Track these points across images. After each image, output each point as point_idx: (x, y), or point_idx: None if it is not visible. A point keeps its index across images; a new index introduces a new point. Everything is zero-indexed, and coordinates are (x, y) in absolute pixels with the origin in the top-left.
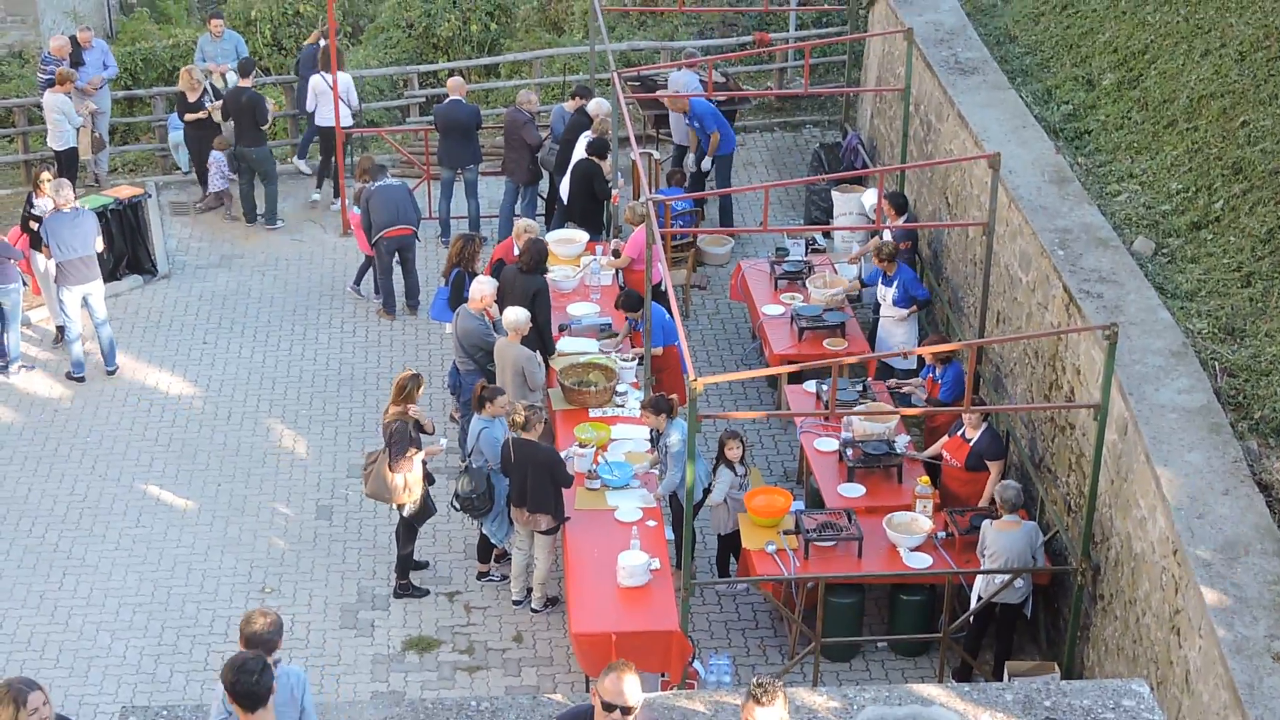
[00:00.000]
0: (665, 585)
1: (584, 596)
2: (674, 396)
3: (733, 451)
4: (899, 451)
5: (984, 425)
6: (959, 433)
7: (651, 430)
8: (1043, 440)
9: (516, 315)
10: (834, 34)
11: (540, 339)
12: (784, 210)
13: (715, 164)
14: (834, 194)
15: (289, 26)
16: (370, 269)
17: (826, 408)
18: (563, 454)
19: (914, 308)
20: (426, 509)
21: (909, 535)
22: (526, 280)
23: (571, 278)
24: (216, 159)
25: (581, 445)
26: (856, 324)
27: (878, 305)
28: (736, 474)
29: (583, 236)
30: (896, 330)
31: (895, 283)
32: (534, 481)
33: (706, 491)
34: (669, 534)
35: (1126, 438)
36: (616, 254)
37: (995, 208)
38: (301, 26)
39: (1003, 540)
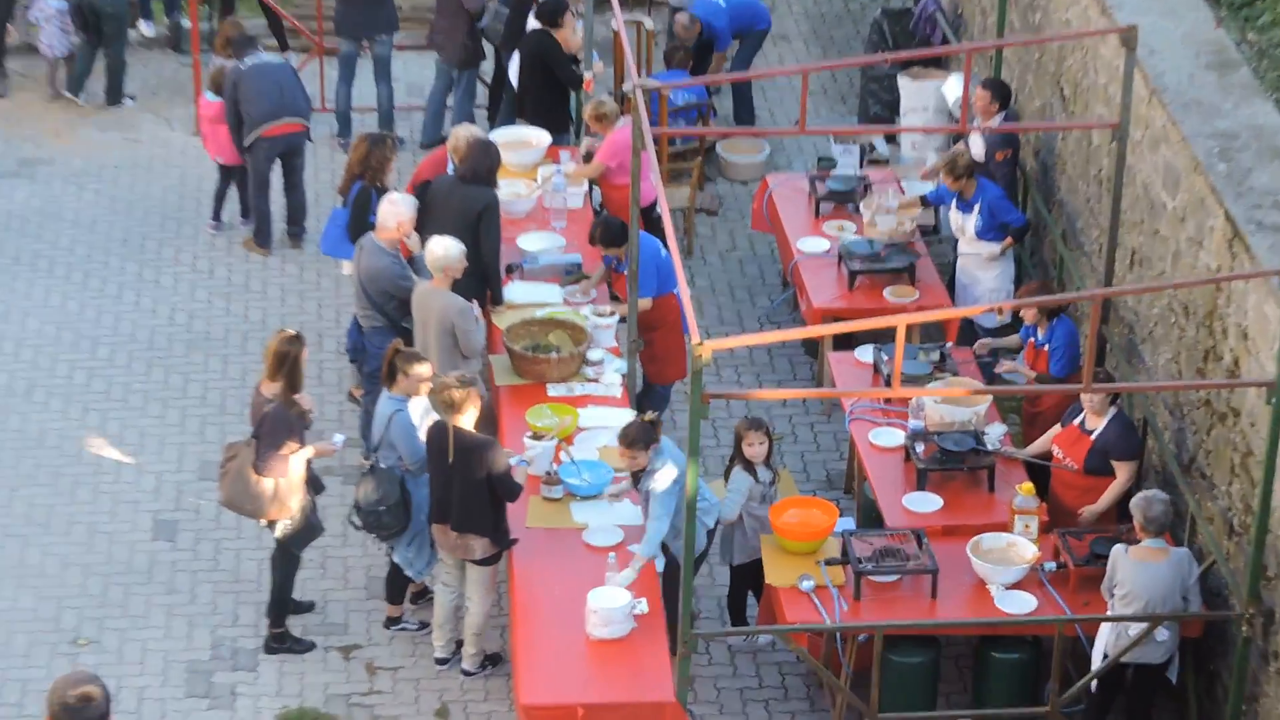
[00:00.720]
0: (655, 637)
1: (539, 654)
2: (654, 417)
3: (753, 448)
4: (990, 448)
5: (1111, 411)
6: (1076, 421)
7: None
8: (1195, 433)
9: (446, 249)
10: None
11: (482, 283)
12: (830, 104)
13: (740, 42)
14: (901, 80)
15: None
16: (234, 187)
17: (887, 385)
18: (512, 458)
19: (1007, 240)
20: (309, 529)
21: (1004, 567)
22: (467, 195)
23: (525, 197)
24: (49, 6)
25: (536, 436)
26: (932, 266)
27: (955, 242)
28: (759, 479)
29: (541, 139)
30: (982, 274)
31: (976, 206)
32: (465, 488)
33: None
34: (660, 565)
35: None
36: (588, 161)
37: (1130, 103)
38: None
39: (1142, 575)
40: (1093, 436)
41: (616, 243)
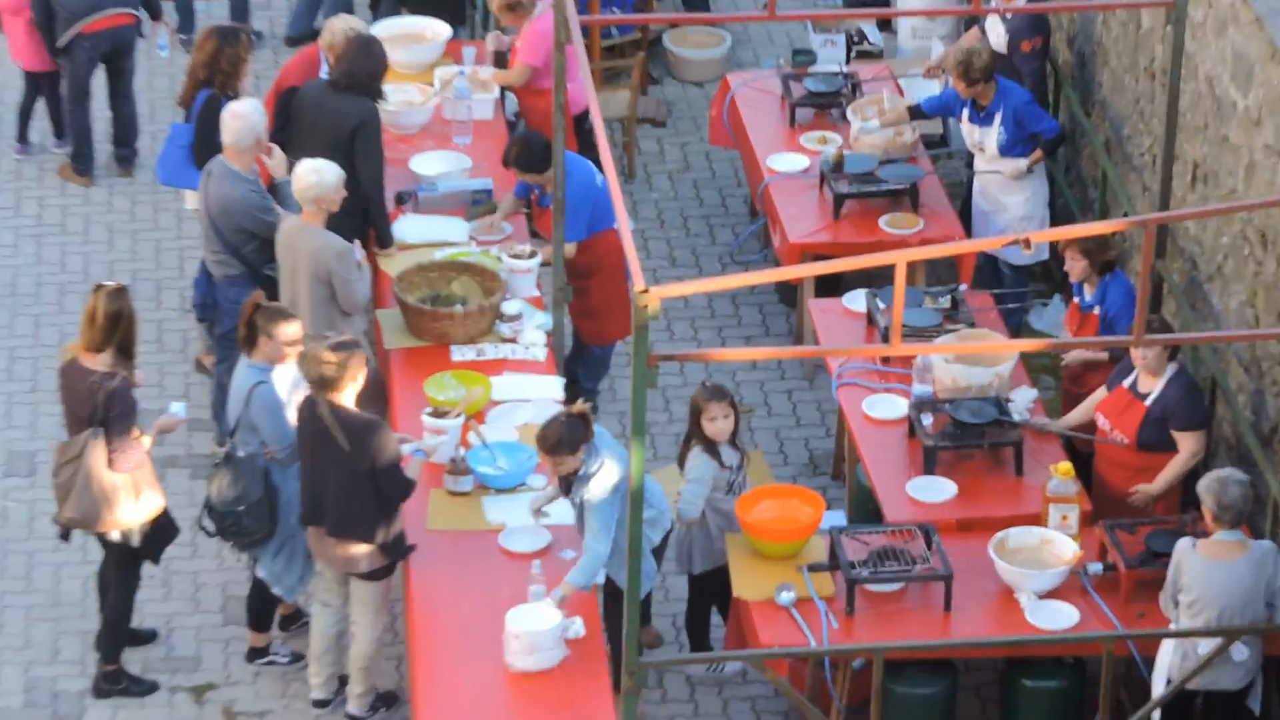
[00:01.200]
0: (594, 667)
1: (444, 691)
2: (584, 409)
3: (716, 424)
4: (1017, 419)
5: (1170, 369)
6: (1126, 383)
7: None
8: (1275, 394)
9: (320, 173)
10: None
11: (364, 218)
12: None
13: None
14: None
15: None
16: (44, 100)
17: (885, 340)
18: (406, 445)
19: (1035, 154)
20: (163, 531)
21: (1037, 570)
22: (340, 107)
23: (419, 107)
24: None
25: (437, 414)
26: (940, 187)
27: (970, 156)
28: (724, 464)
29: (437, 32)
30: (1008, 198)
31: (998, 116)
32: (344, 482)
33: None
34: (599, 577)
35: None
36: (500, 61)
37: None
38: None
39: (1214, 577)
40: (1147, 402)
41: (538, 167)
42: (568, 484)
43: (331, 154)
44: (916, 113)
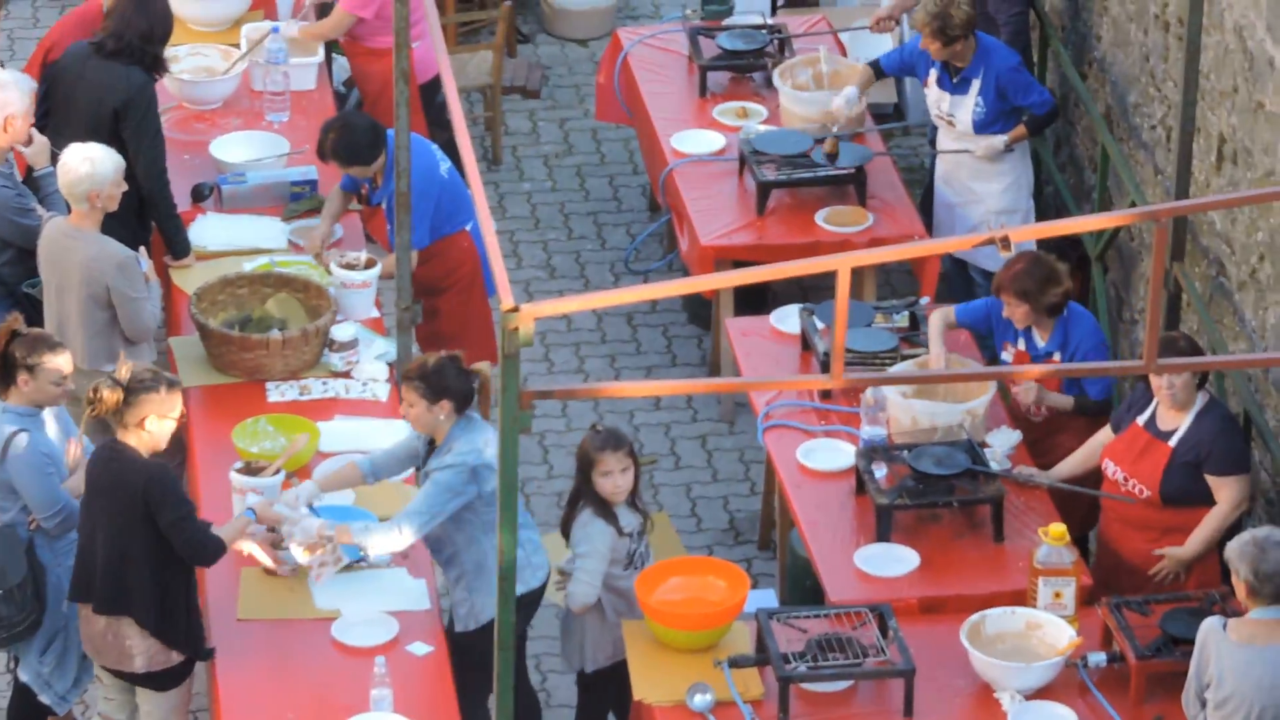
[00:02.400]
0: None
1: None
2: (480, 367)
3: (611, 479)
4: (996, 469)
5: (1200, 400)
6: (1141, 419)
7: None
8: None
9: (94, 162)
10: None
11: (151, 219)
12: None
13: None
14: None
15: None
16: None
17: (825, 369)
18: (245, 508)
19: (1016, 131)
20: None
21: (1022, 663)
22: (103, 77)
23: (223, 75)
24: None
25: (249, 470)
26: (895, 172)
27: (934, 132)
28: (621, 531)
29: None
30: (982, 186)
31: (975, 83)
32: (118, 543)
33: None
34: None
35: None
36: (327, 10)
37: None
38: None
39: (1252, 666)
40: (1171, 442)
41: (364, 157)
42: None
43: (92, 139)
44: (877, 71)
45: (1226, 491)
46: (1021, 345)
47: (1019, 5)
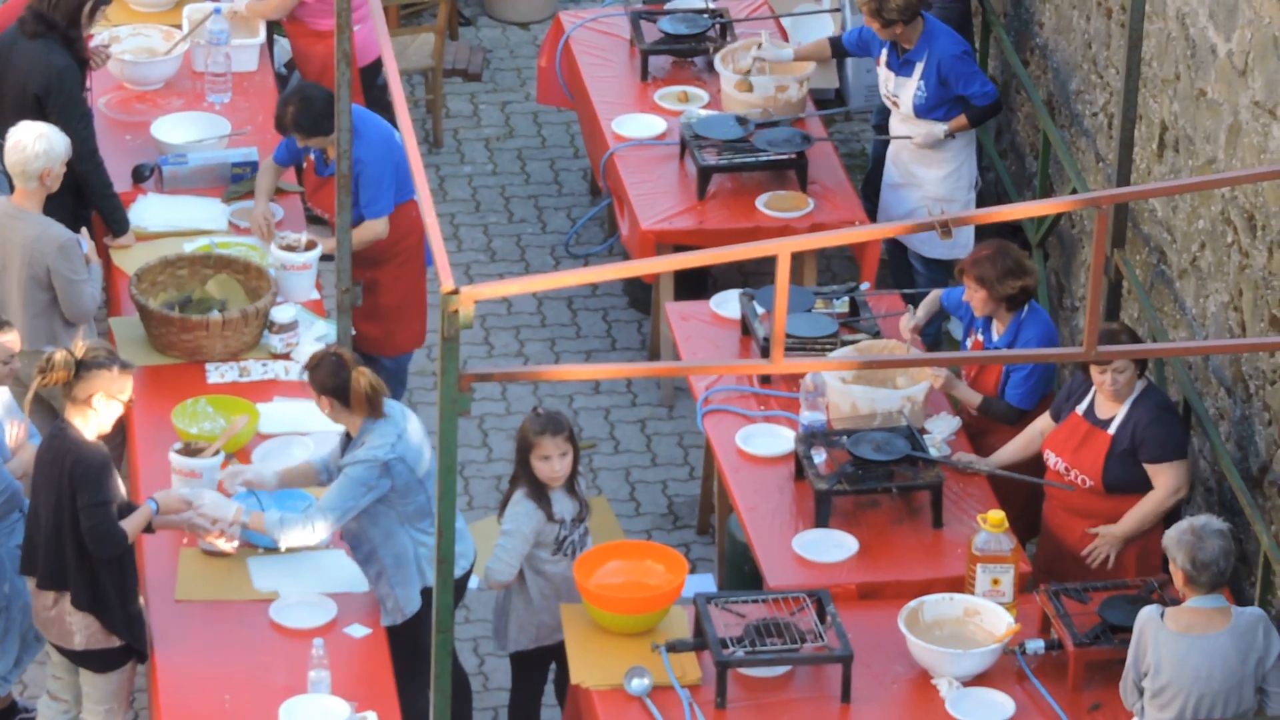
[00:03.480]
0: None
1: None
2: (360, 371)
3: (550, 463)
4: (935, 455)
5: (1137, 387)
6: (1080, 408)
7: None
8: (1269, 424)
9: (48, 139)
10: None
11: (80, 198)
12: None
13: None
14: None
15: None
16: None
17: (765, 354)
18: (151, 503)
19: (959, 119)
20: None
21: (960, 650)
22: (26, 59)
23: (163, 56)
24: None
25: (188, 451)
26: (835, 158)
27: (881, 114)
28: (554, 516)
29: None
30: (924, 170)
31: (919, 66)
32: (54, 522)
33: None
34: (401, 611)
35: None
36: None
37: None
38: None
39: (1189, 655)
40: (1110, 429)
41: (323, 127)
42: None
43: (34, 112)
44: (838, 49)
45: (1163, 478)
46: (980, 336)
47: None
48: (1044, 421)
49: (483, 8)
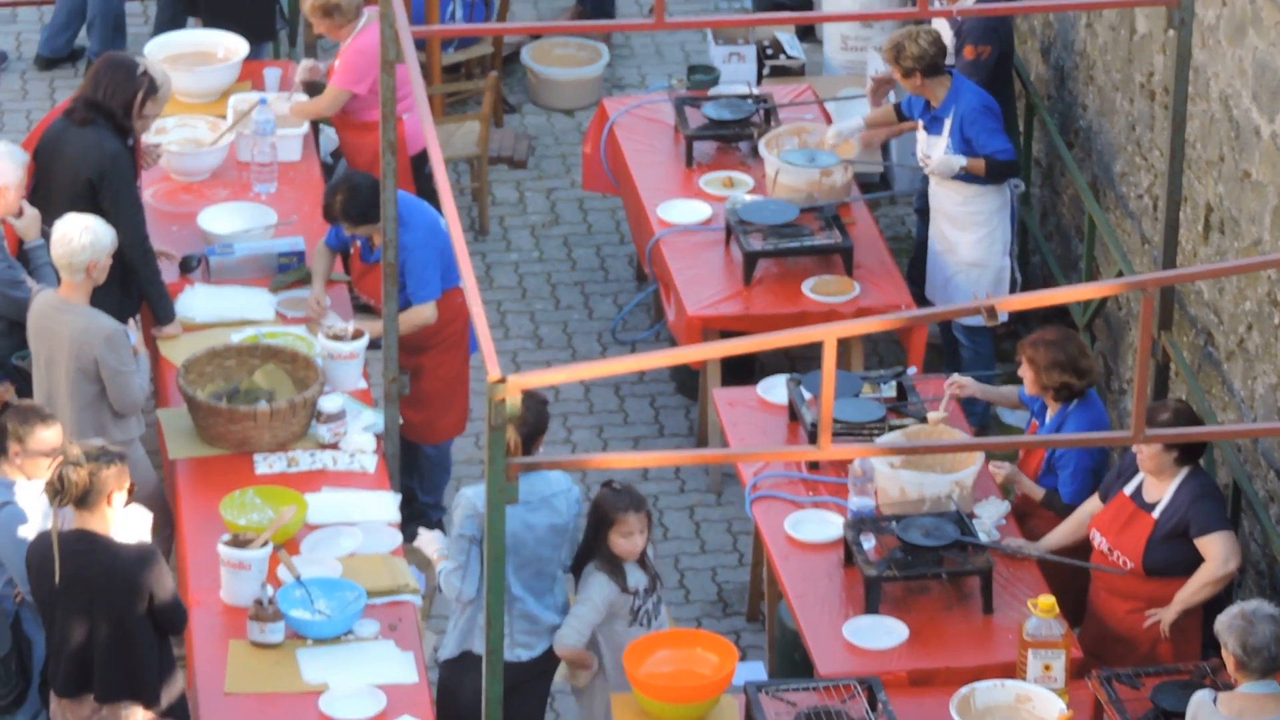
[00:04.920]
0: None
1: None
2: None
3: (631, 541)
4: (984, 540)
5: (1185, 471)
6: (1127, 490)
7: None
8: None
9: (94, 232)
10: None
11: (127, 289)
12: None
13: None
14: None
15: None
16: None
17: (813, 440)
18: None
19: (977, 162)
20: None
21: None
22: (77, 147)
23: (210, 146)
24: None
25: (237, 542)
26: (881, 241)
27: (923, 198)
28: (627, 588)
29: (234, 49)
30: (957, 235)
31: (947, 122)
32: (95, 631)
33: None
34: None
35: None
36: (315, 88)
37: None
38: None
39: None
40: (1155, 513)
41: (371, 215)
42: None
43: (72, 210)
44: (899, 113)
45: (1213, 549)
46: (1037, 420)
47: (983, 73)
48: (1093, 503)
49: (528, 95)
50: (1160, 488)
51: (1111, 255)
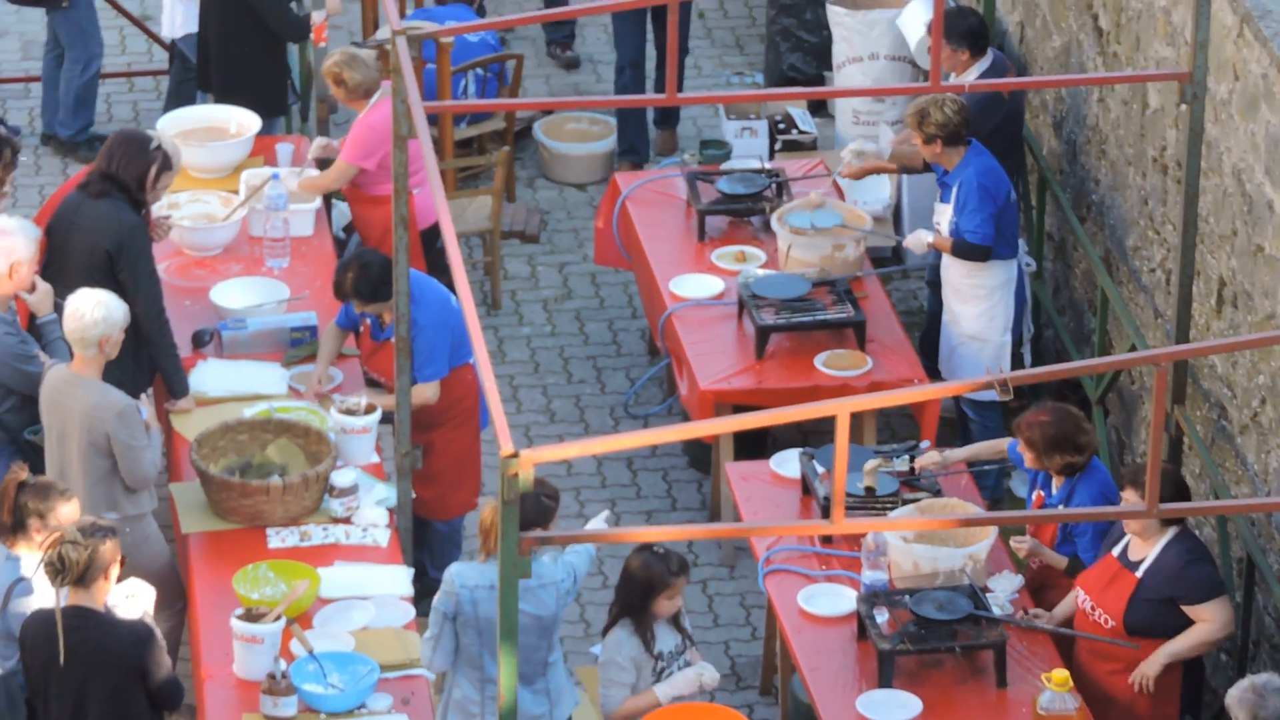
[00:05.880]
0: None
1: None
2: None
3: (674, 602)
4: (998, 613)
5: (1172, 532)
6: (1115, 550)
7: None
8: None
9: (107, 307)
10: None
11: (148, 364)
12: (719, 52)
13: None
14: (832, 11)
15: None
16: None
17: (826, 514)
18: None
19: (944, 240)
20: None
21: None
22: (94, 220)
23: (222, 221)
24: None
25: (250, 616)
26: (893, 315)
27: (935, 270)
28: (651, 650)
29: (246, 124)
30: (959, 306)
31: (955, 187)
32: (91, 708)
33: None
34: None
35: None
36: (325, 164)
37: (1208, 39)
38: None
39: None
40: (1139, 573)
41: (382, 294)
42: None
43: (88, 283)
44: (926, 164)
45: (1213, 614)
46: (1042, 490)
47: (1006, 142)
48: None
49: (540, 169)
50: (1145, 547)
51: (1124, 329)
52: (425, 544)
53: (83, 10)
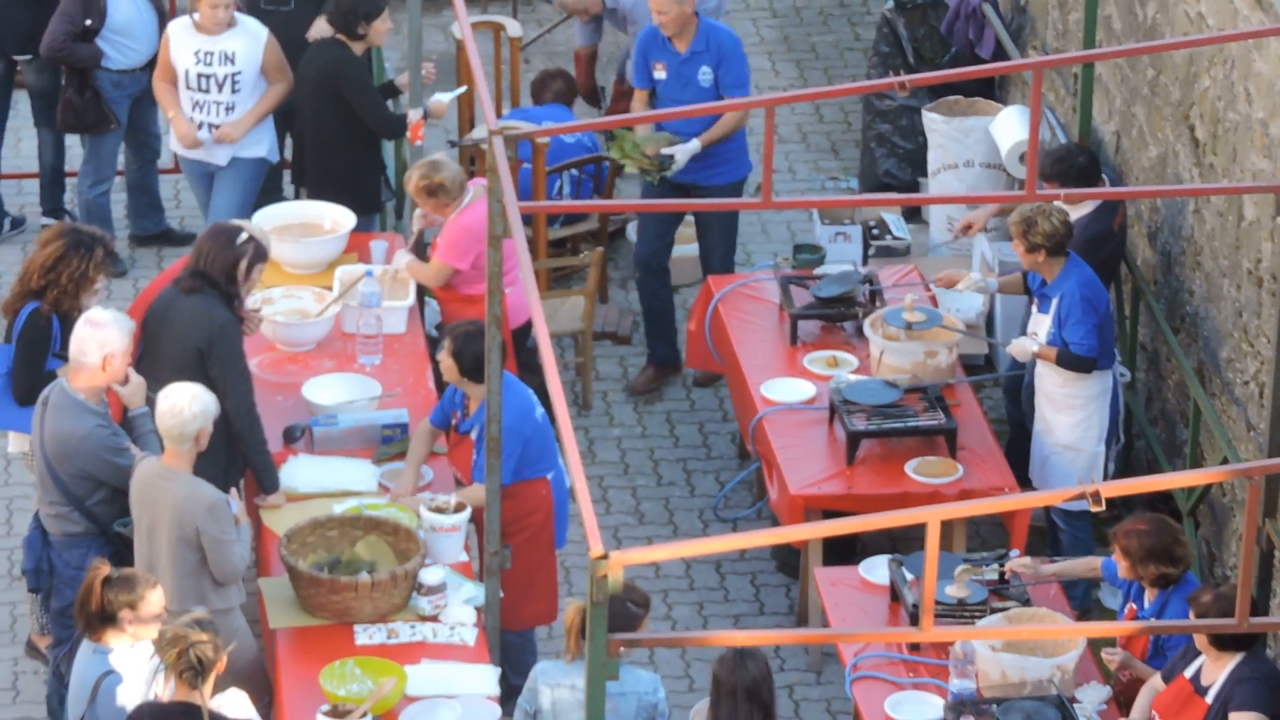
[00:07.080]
0: None
1: None
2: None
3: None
4: None
5: (1240, 655)
6: (1188, 672)
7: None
8: None
9: (201, 401)
10: None
11: (238, 459)
12: (814, 157)
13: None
14: (928, 118)
15: None
16: None
17: (914, 621)
18: None
19: (1048, 350)
20: None
21: None
22: (185, 316)
23: (315, 318)
24: None
25: (336, 713)
26: (984, 423)
27: (1014, 375)
28: None
29: (340, 221)
30: (1054, 416)
31: (1055, 300)
32: None
33: None
34: None
35: None
36: (421, 255)
37: None
38: None
39: None
40: (1208, 698)
41: (478, 375)
42: None
43: (179, 378)
44: (1025, 284)
45: None
46: (1134, 604)
47: (1109, 248)
48: (1156, 680)
49: (632, 271)
50: (1216, 671)
51: (1216, 441)
52: (503, 651)
53: (114, 136)
